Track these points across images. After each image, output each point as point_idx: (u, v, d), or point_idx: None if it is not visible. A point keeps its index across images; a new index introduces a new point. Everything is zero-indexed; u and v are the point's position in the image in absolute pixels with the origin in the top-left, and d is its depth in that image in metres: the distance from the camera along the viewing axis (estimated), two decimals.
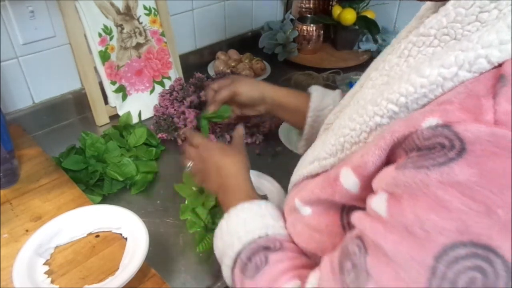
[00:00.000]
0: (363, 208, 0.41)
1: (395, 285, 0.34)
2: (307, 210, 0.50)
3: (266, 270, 0.48)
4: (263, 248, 0.50)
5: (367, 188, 0.41)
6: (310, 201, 0.49)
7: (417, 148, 0.34)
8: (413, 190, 0.33)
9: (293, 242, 0.53)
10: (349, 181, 0.42)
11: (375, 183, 0.39)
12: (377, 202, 0.37)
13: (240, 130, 0.77)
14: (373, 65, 0.59)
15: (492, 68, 0.33)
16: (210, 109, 0.85)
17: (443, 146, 0.32)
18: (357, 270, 0.37)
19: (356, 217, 0.40)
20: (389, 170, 0.37)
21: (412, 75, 0.37)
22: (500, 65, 0.33)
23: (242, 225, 0.54)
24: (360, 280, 0.36)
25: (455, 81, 0.34)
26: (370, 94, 0.47)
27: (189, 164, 0.74)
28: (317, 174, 0.51)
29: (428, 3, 0.50)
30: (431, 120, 0.33)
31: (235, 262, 0.52)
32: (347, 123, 0.46)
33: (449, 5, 0.39)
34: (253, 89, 0.83)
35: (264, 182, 0.89)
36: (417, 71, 0.37)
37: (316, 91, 0.82)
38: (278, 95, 0.83)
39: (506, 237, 0.30)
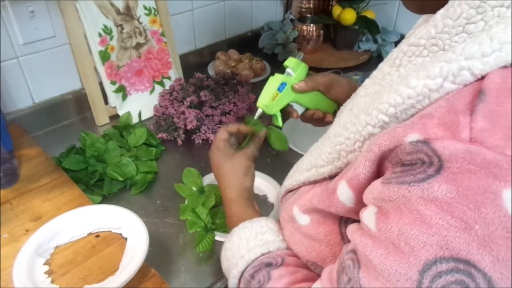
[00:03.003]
0: (358, 221, 0.41)
1: None
2: (305, 219, 0.50)
3: (268, 286, 0.49)
4: (265, 265, 0.52)
5: (361, 202, 0.41)
6: (308, 209, 0.50)
7: (401, 163, 0.35)
8: (398, 205, 0.34)
9: (294, 254, 0.54)
10: (344, 194, 0.43)
11: (365, 196, 0.40)
12: (368, 216, 0.38)
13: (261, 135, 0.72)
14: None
15: (476, 80, 0.33)
16: (301, 85, 0.69)
17: (423, 162, 0.33)
18: (352, 283, 0.38)
19: (350, 230, 0.41)
20: (376, 184, 0.38)
21: (400, 85, 0.38)
22: (483, 77, 0.33)
23: (245, 245, 0.55)
24: None
25: (441, 92, 0.34)
26: (363, 102, 0.48)
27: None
28: (314, 181, 0.51)
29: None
30: (413, 136, 0.34)
31: (239, 280, 0.53)
32: (342, 131, 0.46)
33: (438, 15, 0.39)
34: (347, 79, 0.77)
35: (264, 182, 0.89)
36: (405, 82, 0.38)
37: None
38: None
39: (485, 252, 0.31)
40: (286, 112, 0.72)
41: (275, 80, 0.69)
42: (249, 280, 0.51)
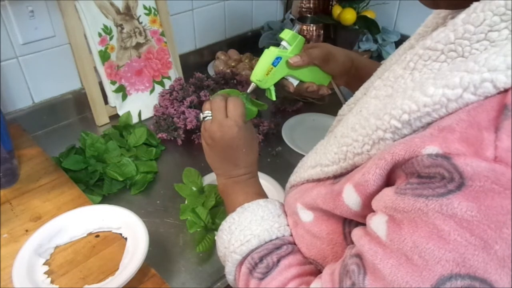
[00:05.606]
0: (363, 224, 0.41)
1: None
2: (309, 216, 0.50)
3: (275, 274, 0.49)
4: (276, 250, 0.51)
5: (368, 207, 0.41)
6: (312, 207, 0.49)
7: (417, 174, 0.34)
8: (413, 217, 0.34)
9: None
10: (351, 198, 0.42)
11: (375, 203, 0.39)
12: (377, 223, 0.37)
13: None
14: (377, 72, 0.58)
15: (498, 93, 0.32)
16: (296, 60, 0.68)
17: (443, 177, 0.32)
18: None
19: (356, 235, 0.41)
20: (389, 192, 0.37)
21: (416, 92, 0.37)
22: (506, 90, 0.31)
23: (259, 223, 0.54)
24: None
25: (460, 103, 0.33)
26: (373, 105, 0.47)
27: (204, 115, 0.64)
28: (318, 179, 0.51)
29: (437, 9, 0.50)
30: (431, 149, 0.33)
31: (244, 259, 0.52)
32: (350, 133, 0.45)
33: (458, 19, 0.37)
34: (343, 51, 0.76)
35: (264, 182, 0.88)
36: (421, 89, 0.36)
37: None
38: (363, 60, 0.77)
39: (503, 272, 0.31)
40: (281, 85, 0.71)
41: (269, 54, 0.68)
42: (256, 262, 0.50)
